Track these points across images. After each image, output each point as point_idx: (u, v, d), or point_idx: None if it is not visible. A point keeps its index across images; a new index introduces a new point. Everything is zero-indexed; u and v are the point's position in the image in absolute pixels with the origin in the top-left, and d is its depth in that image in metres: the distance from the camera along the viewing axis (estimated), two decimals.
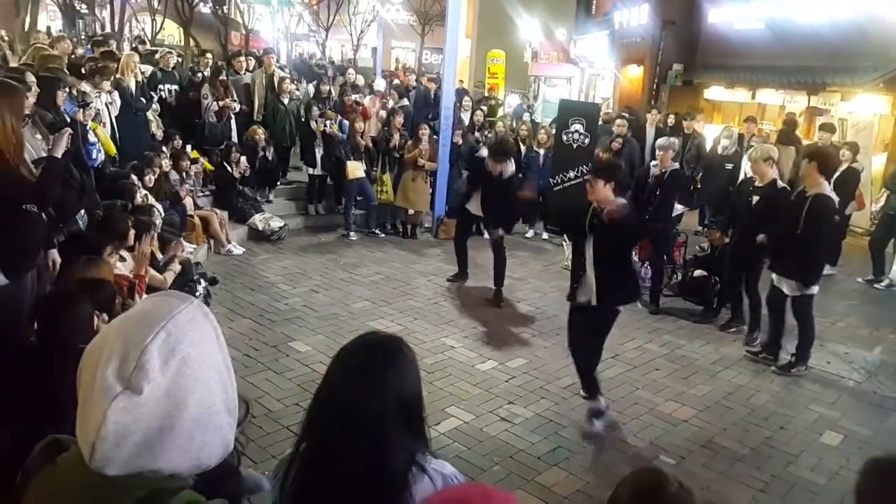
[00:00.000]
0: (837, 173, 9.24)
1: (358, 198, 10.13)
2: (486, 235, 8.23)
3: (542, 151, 10.63)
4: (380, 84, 13.37)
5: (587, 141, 10.26)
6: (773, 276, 6.34)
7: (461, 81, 17.48)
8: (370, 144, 10.25)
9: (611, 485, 1.67)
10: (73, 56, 8.95)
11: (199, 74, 10.53)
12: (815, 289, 6.10)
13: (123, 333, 1.19)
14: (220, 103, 10.03)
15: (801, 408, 5.72)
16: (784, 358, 6.43)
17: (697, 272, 7.80)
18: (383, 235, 10.25)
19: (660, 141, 7.56)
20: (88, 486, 1.17)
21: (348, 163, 9.82)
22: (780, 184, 6.65)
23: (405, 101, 11.38)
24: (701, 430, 5.24)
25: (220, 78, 10.25)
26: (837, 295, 8.84)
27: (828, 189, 6.04)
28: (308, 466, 1.75)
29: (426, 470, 1.69)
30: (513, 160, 7.73)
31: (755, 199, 6.63)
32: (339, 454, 1.68)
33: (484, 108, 12.17)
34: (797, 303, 6.18)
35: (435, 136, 10.24)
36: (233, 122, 10.25)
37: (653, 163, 7.78)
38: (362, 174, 9.87)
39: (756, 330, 6.85)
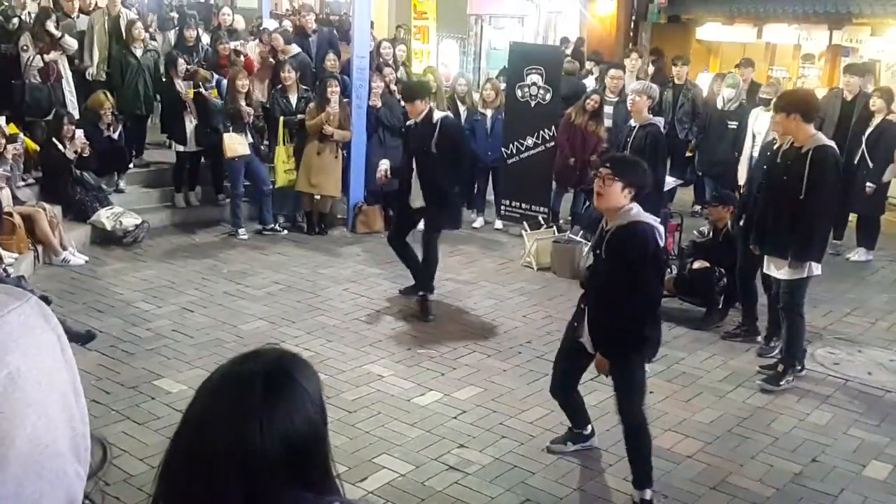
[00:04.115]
0: (870, 128, 9.68)
1: (246, 182, 10.01)
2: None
3: (489, 113, 10.71)
4: (270, 26, 13.24)
5: (548, 96, 10.39)
6: (764, 261, 6.60)
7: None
8: (258, 110, 10.12)
9: None
10: None
11: (16, 20, 10.26)
12: (817, 269, 6.37)
13: None
14: (47, 57, 9.79)
15: (838, 433, 5.91)
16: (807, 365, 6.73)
17: (697, 263, 7.98)
18: (284, 232, 10.18)
19: (634, 84, 7.71)
20: None
21: (225, 136, 9.69)
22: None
23: (295, 49, 11.23)
24: (711, 467, 5.36)
25: (48, 22, 9.99)
26: (877, 287, 9.21)
27: (826, 139, 6.38)
28: None
29: None
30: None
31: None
32: None
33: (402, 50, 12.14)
34: (789, 288, 6.42)
35: (346, 99, 10.20)
36: (65, 82, 10.01)
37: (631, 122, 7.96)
38: (246, 151, 9.75)
39: (775, 336, 7.05)
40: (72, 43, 10.10)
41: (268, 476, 1.63)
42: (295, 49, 11.28)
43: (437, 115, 7.74)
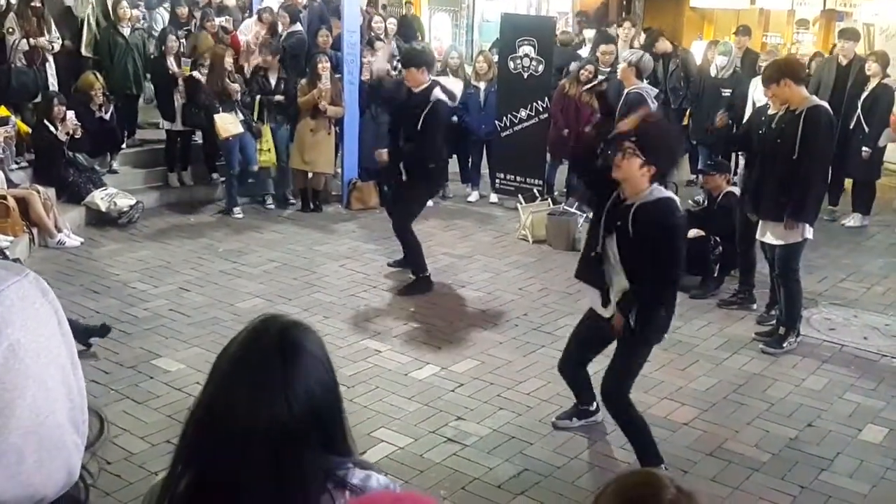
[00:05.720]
0: (865, 93, 9.69)
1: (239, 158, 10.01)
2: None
3: (482, 86, 10.71)
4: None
5: (541, 68, 10.38)
6: (759, 228, 6.68)
7: None
8: (243, 87, 10.06)
9: None
10: None
11: (2, 1, 10.21)
12: (809, 233, 6.44)
13: None
14: (32, 41, 9.75)
15: (834, 398, 5.97)
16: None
17: (692, 232, 8.00)
18: (272, 206, 10.19)
19: (624, 53, 7.70)
20: None
21: (216, 117, 9.63)
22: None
23: (298, 26, 11.23)
24: (707, 433, 5.42)
25: (33, 4, 9.94)
26: (872, 252, 9.25)
27: (820, 100, 6.51)
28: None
29: (347, 487, 1.78)
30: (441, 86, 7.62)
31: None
32: (236, 485, 1.71)
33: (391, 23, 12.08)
34: (784, 254, 6.50)
35: (338, 75, 10.18)
36: (49, 65, 10.01)
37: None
38: (240, 129, 9.72)
39: (776, 305, 7.09)
40: (53, 43, 10.04)
41: (297, 442, 1.73)
42: (297, 26, 11.28)
43: (437, 95, 7.42)
